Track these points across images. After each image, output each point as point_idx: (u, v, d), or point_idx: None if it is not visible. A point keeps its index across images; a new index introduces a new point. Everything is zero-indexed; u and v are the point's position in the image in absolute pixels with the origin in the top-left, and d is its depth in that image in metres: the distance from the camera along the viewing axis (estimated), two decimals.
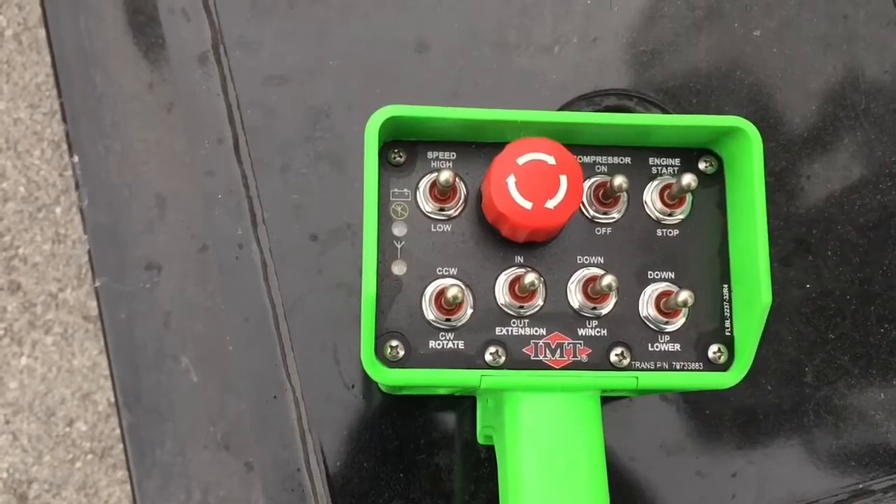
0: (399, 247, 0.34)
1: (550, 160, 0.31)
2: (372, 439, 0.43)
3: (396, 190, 0.35)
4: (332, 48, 0.47)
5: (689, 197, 0.35)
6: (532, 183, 0.31)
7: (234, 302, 0.45)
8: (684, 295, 0.32)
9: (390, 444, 0.43)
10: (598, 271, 0.34)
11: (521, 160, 0.31)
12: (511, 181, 0.31)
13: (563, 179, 0.31)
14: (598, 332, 0.34)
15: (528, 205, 0.31)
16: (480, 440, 0.40)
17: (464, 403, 0.43)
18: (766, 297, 0.32)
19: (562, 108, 0.46)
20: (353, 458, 0.43)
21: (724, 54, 0.48)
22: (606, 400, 0.44)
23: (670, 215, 0.35)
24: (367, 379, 0.43)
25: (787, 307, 0.45)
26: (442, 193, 0.34)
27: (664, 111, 0.46)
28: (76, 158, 0.50)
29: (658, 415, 0.44)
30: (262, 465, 0.44)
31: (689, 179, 0.32)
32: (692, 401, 0.44)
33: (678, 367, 0.34)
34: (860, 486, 0.44)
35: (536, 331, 0.34)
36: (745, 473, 0.44)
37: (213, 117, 0.46)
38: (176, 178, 0.47)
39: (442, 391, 0.42)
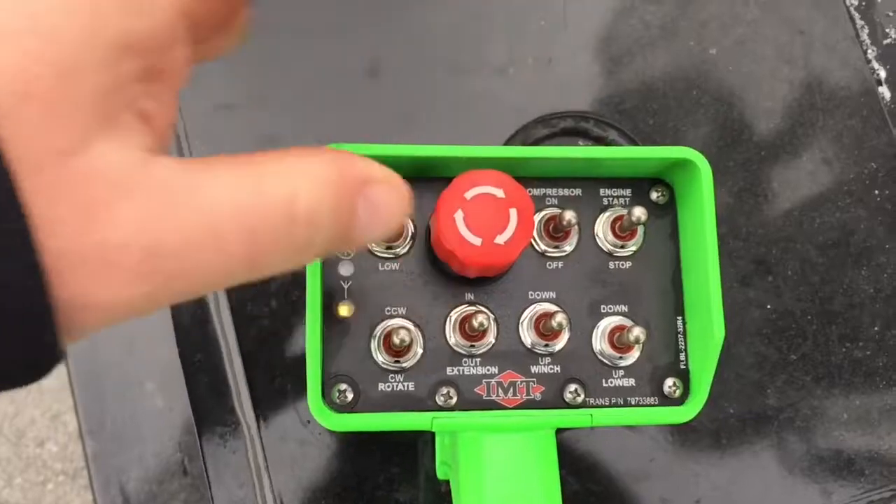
0: (346, 287, 0.33)
1: (499, 193, 0.30)
2: (330, 476, 0.42)
3: None
4: (282, 75, 0.46)
5: (640, 228, 0.35)
6: (481, 218, 0.30)
7: (187, 337, 0.44)
8: (636, 332, 0.31)
9: (349, 480, 0.42)
10: (550, 307, 0.34)
11: (469, 194, 0.30)
12: (459, 217, 0.30)
13: (513, 213, 0.30)
14: (551, 369, 0.34)
15: (477, 241, 0.30)
16: (440, 476, 0.40)
17: (423, 437, 0.43)
18: (718, 334, 0.32)
19: (518, 131, 0.46)
20: (311, 497, 0.42)
21: (680, 73, 0.47)
22: (567, 428, 0.43)
23: (622, 247, 0.34)
24: None
25: (747, 328, 0.45)
26: None
27: (621, 132, 0.46)
28: None
29: (621, 442, 0.44)
30: None
31: (639, 213, 0.32)
32: (655, 427, 0.44)
33: (633, 403, 0.34)
34: None
35: (488, 370, 0.33)
36: (710, 499, 0.43)
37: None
38: None
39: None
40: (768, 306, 0.45)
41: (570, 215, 0.32)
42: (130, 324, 0.45)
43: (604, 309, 0.34)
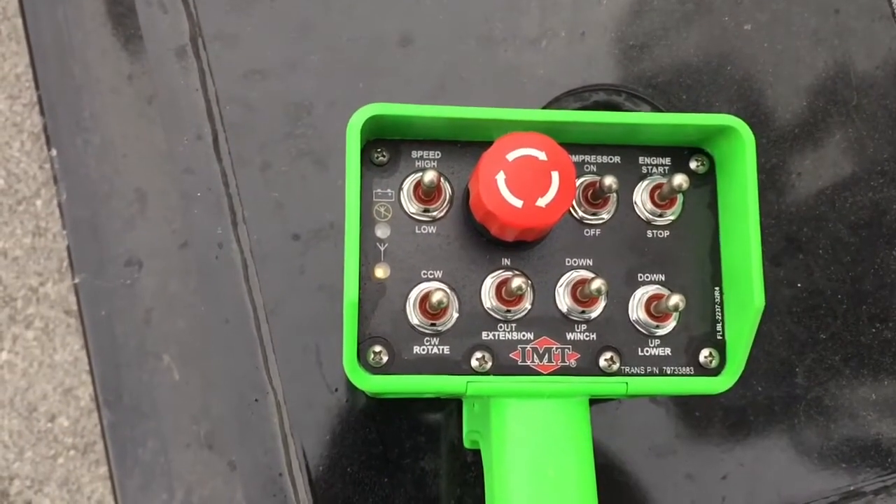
0: (382, 249, 0.33)
1: (542, 156, 0.30)
2: (355, 443, 0.42)
3: (379, 190, 0.34)
4: (314, 42, 0.46)
5: (680, 197, 0.34)
6: (522, 180, 0.30)
7: (214, 303, 0.44)
8: (675, 299, 0.31)
9: (374, 448, 0.42)
10: (586, 274, 0.33)
11: (511, 156, 0.30)
12: (500, 178, 0.30)
13: (555, 176, 0.30)
14: (586, 336, 0.33)
15: (518, 203, 0.30)
16: (466, 444, 0.40)
17: (450, 407, 0.43)
18: (758, 301, 0.31)
19: (549, 104, 0.45)
20: (336, 463, 0.42)
21: (714, 49, 0.47)
22: (595, 401, 0.43)
23: (661, 216, 0.34)
24: (350, 382, 0.43)
25: (777, 307, 0.44)
26: (426, 194, 0.33)
27: (653, 107, 0.45)
28: (54, 152, 0.48)
29: (648, 417, 0.44)
30: (244, 470, 0.43)
31: (680, 180, 0.31)
32: (682, 402, 0.43)
33: (669, 372, 0.34)
34: (851, 487, 0.43)
35: (524, 335, 0.33)
36: (736, 476, 0.43)
37: (191, 113, 0.45)
38: (156, 173, 0.46)
39: (428, 395, 0.41)
40: (798, 285, 0.45)
41: (610, 180, 0.32)
42: (148, 296, 0.45)
43: (641, 277, 0.34)
